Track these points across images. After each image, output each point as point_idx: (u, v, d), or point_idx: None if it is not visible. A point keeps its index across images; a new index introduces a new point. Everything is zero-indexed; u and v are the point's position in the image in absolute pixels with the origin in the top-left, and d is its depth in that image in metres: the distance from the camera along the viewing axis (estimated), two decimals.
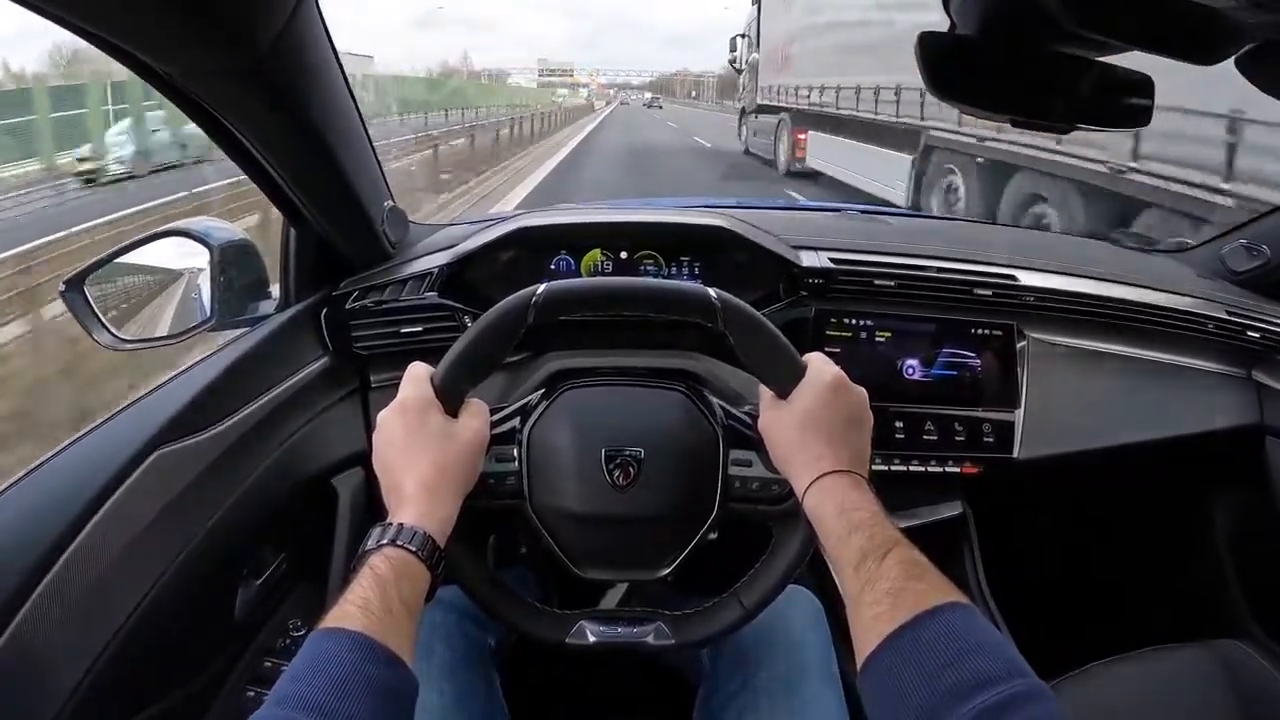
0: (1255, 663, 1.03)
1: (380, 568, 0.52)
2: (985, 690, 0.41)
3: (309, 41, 0.64)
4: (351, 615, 0.48)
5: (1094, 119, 0.59)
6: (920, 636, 0.45)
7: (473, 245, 0.91)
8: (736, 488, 0.65)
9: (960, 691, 0.41)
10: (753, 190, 8.58)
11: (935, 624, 0.45)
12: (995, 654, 0.44)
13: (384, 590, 0.50)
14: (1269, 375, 1.08)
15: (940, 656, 0.44)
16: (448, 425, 0.61)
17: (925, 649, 0.44)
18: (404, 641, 0.50)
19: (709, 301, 0.62)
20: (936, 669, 0.43)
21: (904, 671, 0.44)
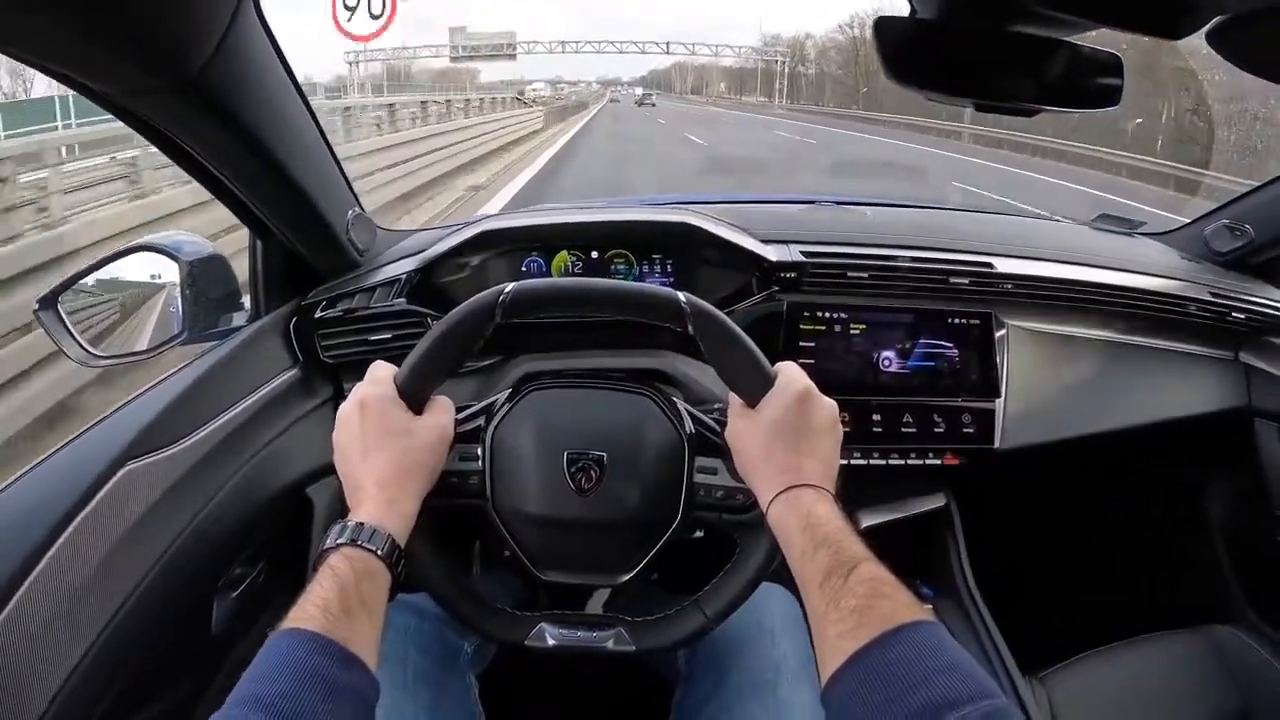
0: (1249, 648, 1.02)
1: (339, 567, 0.51)
2: (952, 711, 0.40)
3: (251, 51, 0.63)
4: (311, 616, 0.48)
5: (1064, 100, 0.57)
6: (886, 656, 0.44)
7: (440, 250, 0.90)
8: (701, 495, 0.64)
9: (926, 712, 0.41)
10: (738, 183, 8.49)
11: (901, 643, 0.44)
12: (963, 674, 0.43)
13: (343, 590, 0.50)
14: (1256, 356, 1.07)
15: (906, 677, 0.43)
16: (409, 422, 0.60)
17: (891, 669, 0.44)
18: (364, 642, 0.49)
19: (678, 306, 0.62)
20: (902, 690, 0.42)
21: (869, 692, 0.44)
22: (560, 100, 41.57)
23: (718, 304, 0.89)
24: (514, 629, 0.66)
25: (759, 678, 0.70)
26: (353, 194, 0.91)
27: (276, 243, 0.86)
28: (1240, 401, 1.06)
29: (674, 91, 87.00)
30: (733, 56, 74.57)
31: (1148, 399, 1.02)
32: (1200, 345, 1.05)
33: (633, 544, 0.66)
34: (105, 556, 0.61)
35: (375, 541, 0.53)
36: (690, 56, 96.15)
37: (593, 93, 70.07)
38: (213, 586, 0.79)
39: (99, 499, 0.62)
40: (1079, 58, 0.55)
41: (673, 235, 0.93)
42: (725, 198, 1.13)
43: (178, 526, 0.68)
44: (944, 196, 8.55)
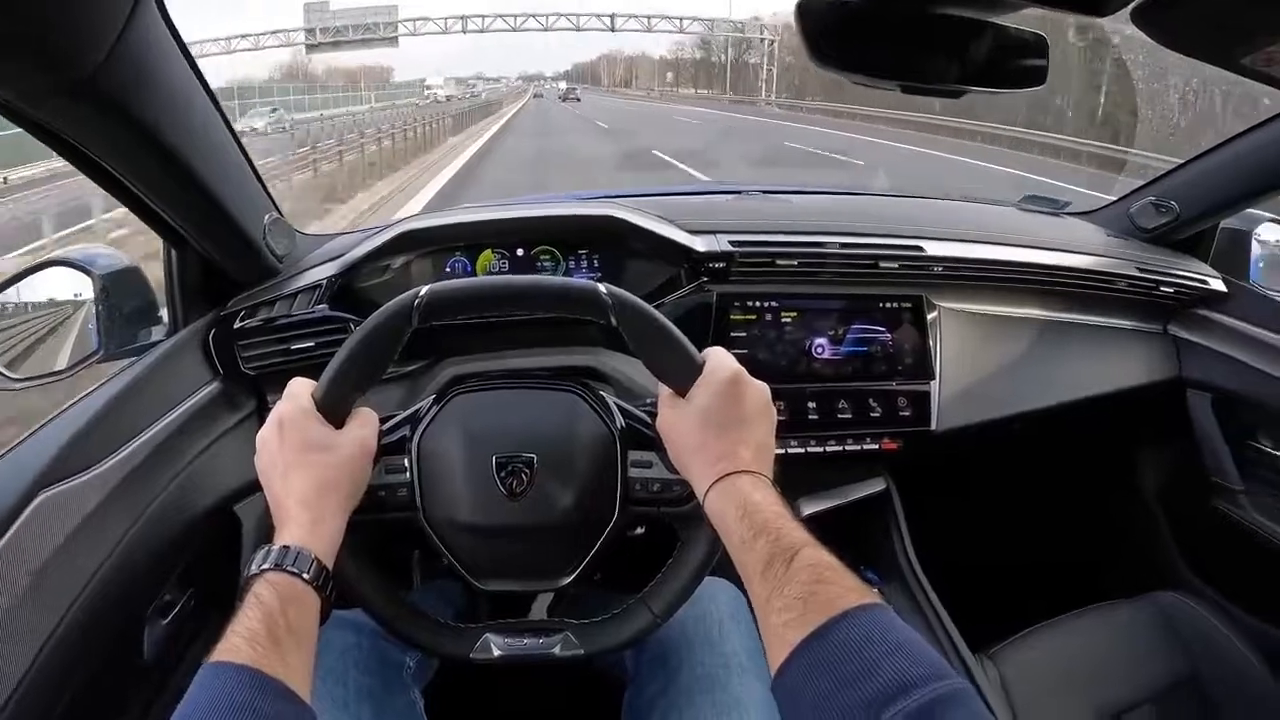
0: (1193, 612, 1.04)
1: (264, 595, 0.50)
2: (904, 696, 0.39)
3: (151, 50, 0.61)
4: (238, 648, 0.46)
5: (989, 81, 0.57)
6: (833, 642, 0.43)
7: (360, 253, 0.88)
8: (637, 490, 0.63)
9: (877, 699, 0.39)
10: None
11: (848, 628, 0.43)
12: (912, 656, 0.42)
13: (270, 619, 0.48)
14: (1184, 329, 1.10)
15: (855, 663, 0.42)
16: (329, 437, 0.58)
17: (839, 655, 0.42)
18: (295, 671, 0.47)
19: (599, 297, 0.60)
20: (851, 676, 0.41)
21: (818, 680, 0.43)
22: (462, 100, 31.51)
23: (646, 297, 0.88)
24: (458, 643, 0.65)
25: (709, 673, 0.69)
26: (269, 198, 0.89)
27: (192, 252, 0.83)
28: (1171, 373, 1.08)
29: (602, 85, 77.04)
30: (669, 44, 67.90)
31: (1081, 375, 1.03)
32: (1130, 320, 1.07)
33: (570, 545, 0.64)
34: (27, 589, 0.59)
35: (300, 565, 0.52)
36: (619, 49, 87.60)
37: (512, 89, 60.40)
38: (143, 613, 0.76)
39: (15, 530, 0.59)
40: (1004, 38, 0.55)
41: (598, 229, 0.92)
42: (653, 190, 1.12)
43: (101, 554, 0.66)
44: (872, 182, 8.61)
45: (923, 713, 0.38)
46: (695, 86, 55.21)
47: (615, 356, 0.87)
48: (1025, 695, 0.94)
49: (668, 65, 68.34)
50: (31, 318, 0.90)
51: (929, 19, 0.53)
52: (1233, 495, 1.08)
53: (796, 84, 33.98)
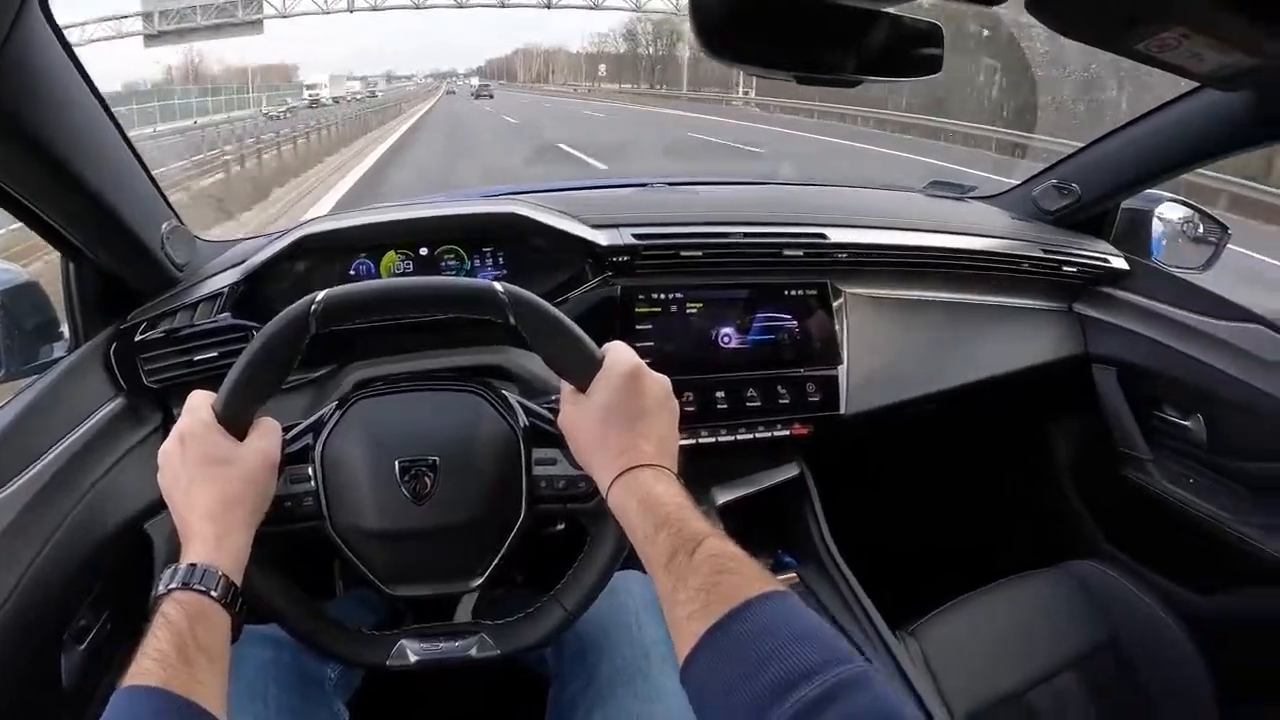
0: (1110, 579, 1.07)
1: (172, 614, 0.49)
2: (806, 682, 0.40)
3: (37, 58, 0.59)
4: (149, 670, 0.46)
5: (886, 70, 0.58)
6: (735, 632, 0.44)
7: (261, 259, 0.87)
8: (543, 488, 0.64)
9: (780, 686, 0.40)
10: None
11: (750, 617, 0.44)
12: (815, 642, 0.42)
13: (179, 638, 0.48)
14: (1088, 307, 1.14)
15: (757, 651, 0.42)
16: (231, 449, 0.58)
17: (742, 645, 0.43)
18: (209, 691, 0.47)
19: (495, 296, 0.61)
20: (755, 665, 0.42)
21: (722, 671, 0.43)
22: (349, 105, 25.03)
23: (552, 293, 0.91)
24: (373, 651, 0.64)
25: (629, 665, 0.69)
26: (167, 205, 0.87)
27: (89, 264, 0.82)
28: (1077, 349, 1.11)
29: (518, 81, 69.53)
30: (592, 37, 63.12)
31: (988, 354, 1.06)
32: (1035, 299, 1.10)
33: (479, 546, 0.64)
34: None
35: (207, 582, 0.51)
36: (536, 42, 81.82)
37: (422, 87, 53.09)
38: (58, 639, 0.74)
39: None
40: (900, 27, 0.56)
41: (501, 226, 0.92)
42: (559, 185, 1.13)
43: (11, 579, 0.64)
44: (777, 172, 8.61)
45: (825, 698, 0.39)
46: (619, 82, 47.67)
47: (522, 354, 0.87)
48: (948, 668, 0.96)
49: (591, 60, 61.53)
50: None
51: (823, 9, 0.53)
52: (1141, 464, 1.12)
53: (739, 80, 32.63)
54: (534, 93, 47.02)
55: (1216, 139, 0.98)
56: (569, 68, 65.96)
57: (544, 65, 71.04)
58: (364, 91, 43.12)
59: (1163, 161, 1.09)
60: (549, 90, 50.33)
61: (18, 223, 0.73)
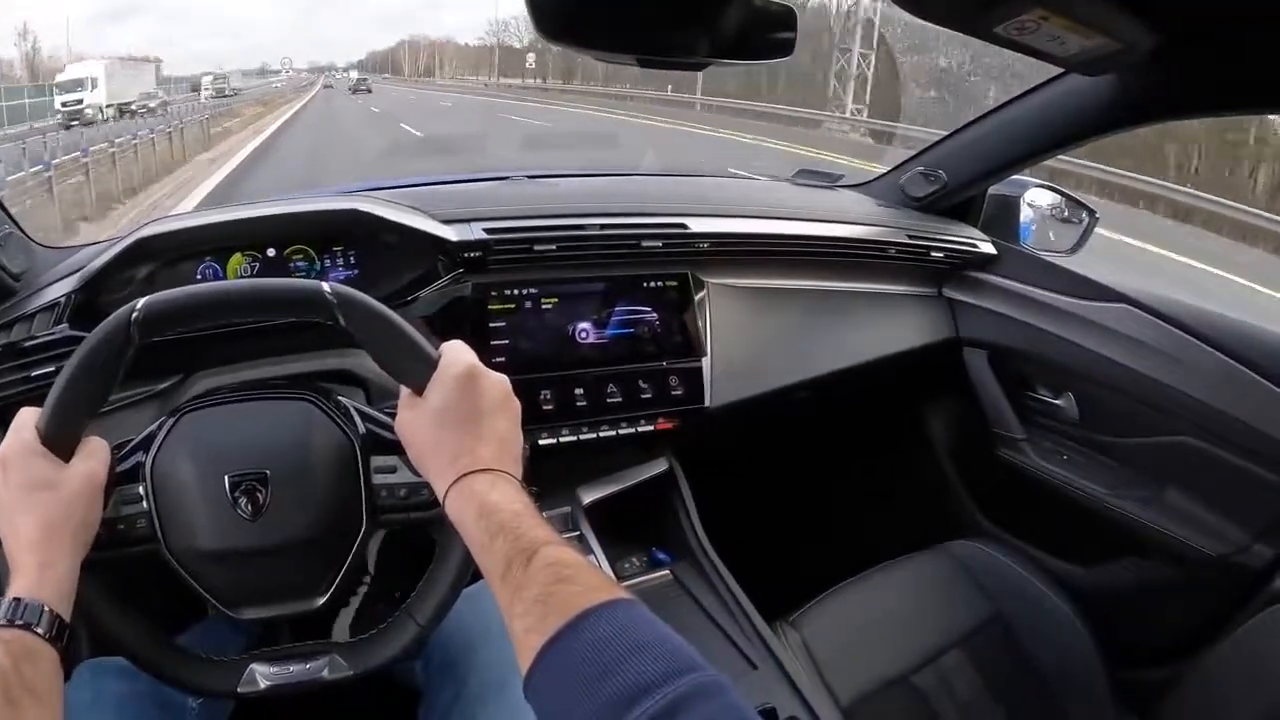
0: (989, 557, 1.09)
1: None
2: (646, 697, 0.38)
3: None
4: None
5: (736, 54, 0.57)
6: (572, 646, 0.42)
7: (99, 265, 0.82)
8: (384, 498, 0.61)
9: (621, 701, 0.38)
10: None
11: (587, 629, 0.42)
12: (656, 653, 0.40)
13: (4, 680, 0.44)
14: (956, 291, 1.16)
15: (596, 665, 0.40)
16: (54, 473, 0.54)
17: (580, 659, 0.41)
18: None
19: (322, 297, 0.58)
20: (593, 679, 0.40)
21: (563, 686, 0.41)
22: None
23: (401, 291, 0.88)
24: (222, 678, 0.60)
25: (495, 678, 0.67)
26: (3, 209, 0.82)
27: None
28: (949, 333, 1.14)
29: (403, 75, 63.58)
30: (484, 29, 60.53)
31: (859, 340, 1.07)
32: (905, 285, 1.12)
33: (320, 562, 0.61)
34: None
35: (28, 617, 0.48)
36: (422, 34, 75.67)
37: (295, 82, 45.47)
38: None
39: None
40: (752, 11, 0.55)
41: (348, 224, 0.89)
42: (415, 180, 1.10)
43: None
44: (640, 163, 8.55)
45: (668, 712, 0.37)
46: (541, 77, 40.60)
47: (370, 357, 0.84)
48: (831, 656, 0.96)
49: (481, 54, 55.24)
50: None
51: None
52: (1015, 444, 1.14)
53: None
54: (424, 89, 41.42)
55: (1081, 124, 1.00)
56: (459, 61, 60.75)
57: (430, 58, 65.19)
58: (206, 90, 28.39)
59: (1028, 147, 1.12)
60: (442, 86, 44.34)
61: None
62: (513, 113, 18.25)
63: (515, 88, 36.07)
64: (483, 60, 55.46)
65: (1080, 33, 0.62)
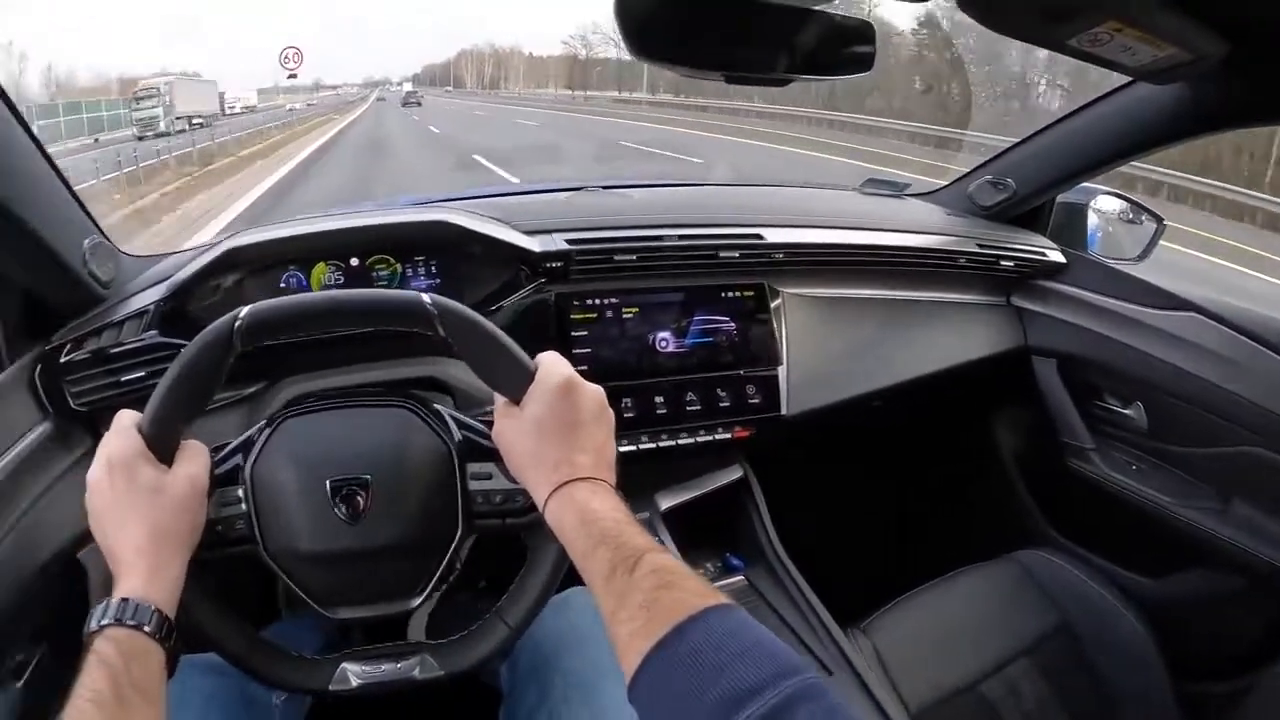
0: (1056, 566, 1.09)
1: (106, 652, 0.48)
2: (753, 699, 0.39)
3: None
4: (85, 712, 0.45)
5: (817, 69, 0.59)
6: (679, 650, 0.43)
7: (187, 274, 0.85)
8: (479, 503, 0.62)
9: (729, 703, 0.39)
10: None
11: (694, 634, 0.43)
12: (762, 656, 0.41)
13: (114, 678, 0.47)
14: (1025, 299, 1.16)
15: (701, 669, 0.41)
16: (159, 478, 0.56)
17: (685, 663, 0.42)
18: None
19: (423, 308, 0.59)
20: (701, 683, 0.41)
21: (669, 689, 0.42)
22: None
23: (485, 301, 0.90)
24: (314, 676, 0.63)
25: (581, 681, 0.68)
26: (89, 219, 0.85)
27: (9, 284, 0.80)
28: (1017, 342, 1.13)
29: (465, 88, 59.88)
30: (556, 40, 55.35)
31: (929, 350, 1.07)
32: (974, 294, 1.12)
33: (417, 565, 0.63)
34: None
35: (140, 617, 0.50)
36: (483, 43, 70.73)
37: (343, 99, 44.84)
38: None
39: None
40: (830, 26, 0.57)
41: (432, 235, 0.91)
42: (490, 191, 1.12)
43: None
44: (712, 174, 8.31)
45: (775, 713, 0.38)
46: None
47: (457, 365, 0.85)
48: (901, 664, 0.96)
49: (560, 63, 53.05)
50: None
51: (752, 8, 0.53)
52: (1084, 453, 1.14)
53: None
54: (489, 101, 38.80)
55: (1150, 132, 0.99)
56: (528, 71, 57.61)
57: (496, 69, 62.38)
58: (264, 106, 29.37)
59: (1096, 155, 1.11)
60: (510, 98, 41.00)
61: None
62: (628, 136, 14.77)
63: (595, 100, 33.93)
64: (552, 71, 53.44)
65: (1152, 44, 0.62)
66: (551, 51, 60.77)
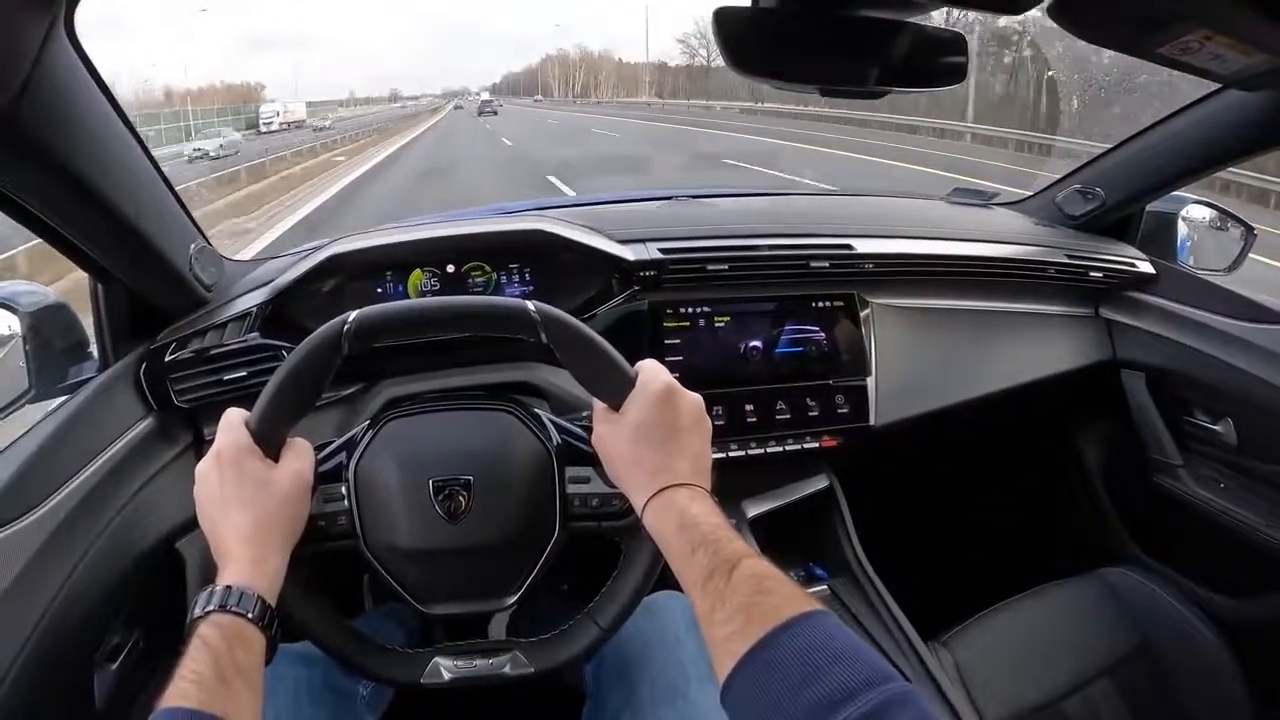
0: (1141, 585, 1.07)
1: (210, 636, 0.50)
2: (849, 703, 0.39)
3: (65, 81, 0.60)
4: (186, 692, 0.46)
5: (910, 81, 0.59)
6: (776, 653, 0.43)
7: (289, 279, 0.88)
8: (576, 506, 0.64)
9: (823, 706, 0.40)
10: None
11: (790, 638, 0.44)
12: (856, 662, 0.42)
13: (216, 660, 0.48)
14: (1115, 311, 1.13)
15: (799, 672, 0.42)
16: (266, 472, 0.58)
17: (783, 666, 0.43)
18: (244, 711, 0.48)
19: (527, 315, 0.60)
20: (796, 686, 0.41)
21: (764, 692, 0.43)
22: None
23: (579, 308, 0.91)
24: (408, 669, 0.65)
25: (668, 683, 0.69)
26: (194, 226, 0.88)
27: (119, 285, 0.82)
28: (1105, 355, 1.11)
29: (552, 96, 56.57)
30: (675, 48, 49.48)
31: (1016, 361, 1.06)
32: (1062, 305, 1.10)
33: (514, 565, 0.64)
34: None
35: (244, 604, 0.52)
36: (568, 47, 65.35)
37: (419, 108, 45.20)
38: (90, 659, 0.75)
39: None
40: (923, 38, 0.56)
41: (527, 243, 0.92)
42: (581, 200, 1.13)
43: (44, 601, 0.65)
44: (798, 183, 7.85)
45: (868, 718, 0.39)
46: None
47: (550, 371, 0.87)
48: (981, 679, 0.95)
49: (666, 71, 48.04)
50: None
51: (847, 21, 0.54)
52: (1172, 470, 1.11)
53: None
54: (581, 111, 32.46)
55: (1240, 140, 0.97)
56: (619, 79, 52.19)
57: (588, 75, 56.68)
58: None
59: (1187, 163, 1.08)
60: (601, 106, 35.22)
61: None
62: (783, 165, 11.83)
63: (698, 109, 29.89)
64: (641, 78, 50.11)
65: (1242, 51, 0.60)
66: (664, 56, 55.76)
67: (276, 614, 0.54)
